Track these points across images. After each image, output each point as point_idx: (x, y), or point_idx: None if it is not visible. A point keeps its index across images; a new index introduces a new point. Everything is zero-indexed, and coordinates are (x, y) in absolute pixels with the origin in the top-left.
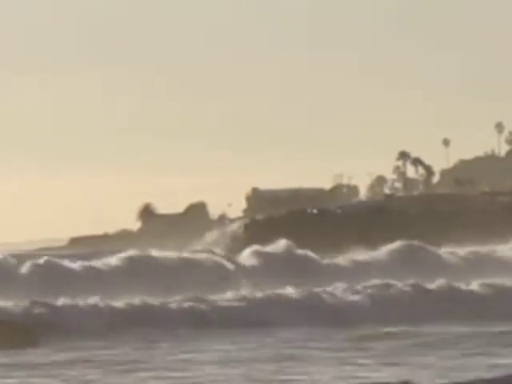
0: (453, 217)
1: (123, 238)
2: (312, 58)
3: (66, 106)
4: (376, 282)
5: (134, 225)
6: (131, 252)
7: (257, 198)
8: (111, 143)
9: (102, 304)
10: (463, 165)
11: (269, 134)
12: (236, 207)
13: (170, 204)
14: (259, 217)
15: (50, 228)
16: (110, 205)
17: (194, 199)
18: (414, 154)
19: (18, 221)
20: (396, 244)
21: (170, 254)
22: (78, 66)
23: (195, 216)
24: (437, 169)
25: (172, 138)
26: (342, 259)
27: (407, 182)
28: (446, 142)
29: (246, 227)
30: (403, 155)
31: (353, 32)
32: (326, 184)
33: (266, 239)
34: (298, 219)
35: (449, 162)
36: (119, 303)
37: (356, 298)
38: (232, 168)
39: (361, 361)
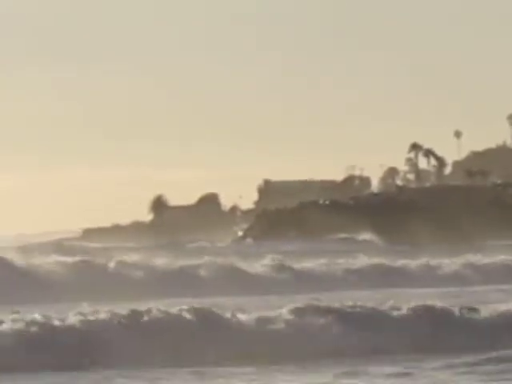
0: (465, 208)
1: (136, 229)
2: (326, 50)
3: (79, 99)
4: None
5: (146, 216)
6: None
7: (268, 190)
8: (124, 136)
9: None
10: (475, 156)
11: (280, 126)
12: (248, 199)
13: (182, 196)
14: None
15: (62, 220)
16: (123, 197)
17: (206, 191)
18: (425, 146)
19: (30, 213)
20: None
21: None
22: (77, 59)
23: (207, 207)
24: (449, 160)
25: (184, 131)
26: None
27: (419, 174)
28: (457, 134)
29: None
30: (415, 147)
31: (354, 29)
32: (338, 176)
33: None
34: (310, 211)
35: (460, 154)
36: None
37: None
38: (243, 160)
39: None
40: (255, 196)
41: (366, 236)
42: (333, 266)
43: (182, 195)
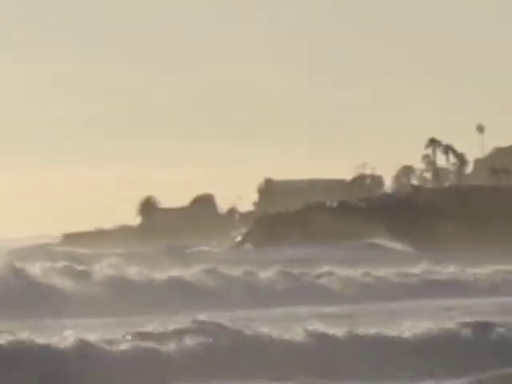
0: (488, 210)
1: (122, 234)
2: (335, 41)
3: (65, 99)
4: None
5: (134, 220)
6: None
7: (270, 190)
8: (124, 136)
9: None
10: (499, 153)
11: (284, 125)
12: (248, 200)
13: (174, 197)
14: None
15: (41, 224)
16: (123, 197)
17: (201, 191)
18: (444, 141)
19: (9, 217)
20: None
21: None
22: (77, 59)
23: (201, 209)
24: (470, 158)
25: (183, 130)
26: None
27: (437, 172)
28: (480, 129)
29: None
30: (433, 142)
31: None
32: (347, 174)
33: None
34: (316, 213)
35: (483, 151)
36: None
37: None
38: (244, 159)
39: None
40: (255, 197)
41: (382, 241)
42: (367, 276)
43: (182, 195)
